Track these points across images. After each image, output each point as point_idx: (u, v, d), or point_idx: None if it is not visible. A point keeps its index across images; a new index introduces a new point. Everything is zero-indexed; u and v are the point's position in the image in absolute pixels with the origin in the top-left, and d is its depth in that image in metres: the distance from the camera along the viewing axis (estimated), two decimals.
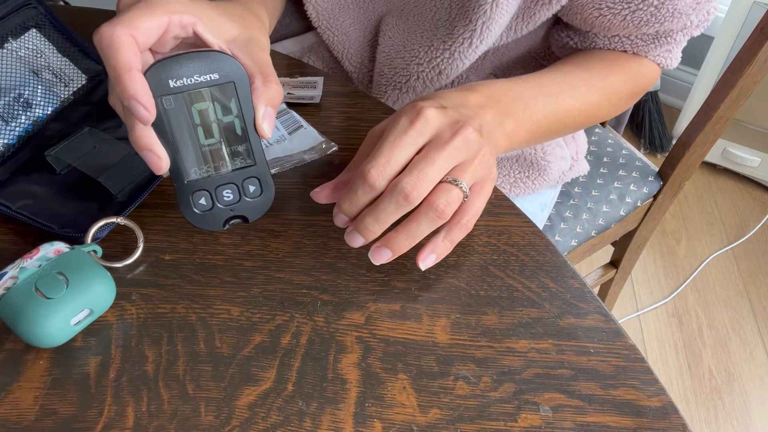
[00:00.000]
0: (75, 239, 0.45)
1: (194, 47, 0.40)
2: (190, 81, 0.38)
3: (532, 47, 0.69)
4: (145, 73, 0.37)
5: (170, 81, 0.38)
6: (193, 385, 0.39)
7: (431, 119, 0.42)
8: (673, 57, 0.61)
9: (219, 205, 0.41)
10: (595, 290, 1.04)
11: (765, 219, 1.62)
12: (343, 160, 0.53)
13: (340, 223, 0.44)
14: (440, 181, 0.41)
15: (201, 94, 0.39)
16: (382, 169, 0.40)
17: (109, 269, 0.43)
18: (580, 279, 0.45)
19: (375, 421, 0.38)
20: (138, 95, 0.36)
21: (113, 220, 0.45)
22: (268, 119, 0.40)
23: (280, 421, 0.38)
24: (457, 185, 0.41)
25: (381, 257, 0.42)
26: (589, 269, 1.35)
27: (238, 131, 0.40)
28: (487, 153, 0.43)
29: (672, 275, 1.51)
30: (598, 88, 0.58)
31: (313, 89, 0.59)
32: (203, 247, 0.46)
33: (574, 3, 0.57)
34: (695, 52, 1.72)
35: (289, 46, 0.75)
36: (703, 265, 1.53)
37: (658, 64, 0.62)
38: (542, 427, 0.38)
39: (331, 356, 0.40)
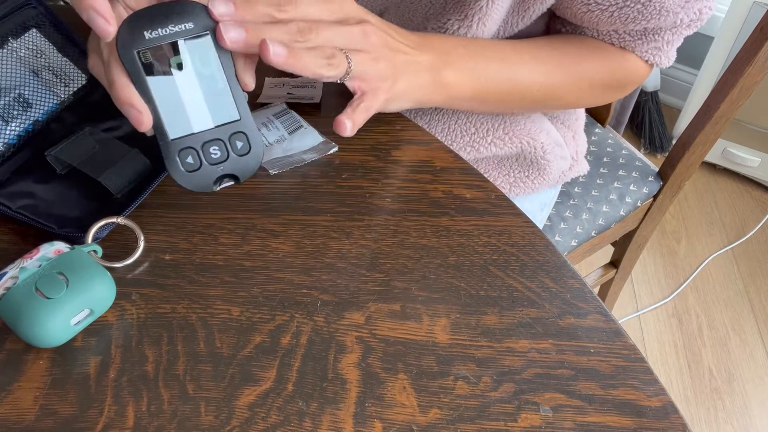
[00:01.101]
0: (75, 239, 0.45)
1: None
2: (165, 32, 0.38)
3: None
4: (119, 27, 0.37)
5: (145, 33, 0.38)
6: (193, 385, 0.39)
7: (345, 4, 0.45)
8: (663, 55, 0.61)
9: (207, 164, 0.41)
10: (595, 290, 1.04)
11: (765, 219, 1.62)
12: (343, 160, 0.53)
13: (234, 35, 0.41)
14: (338, 49, 0.43)
15: (177, 45, 0.38)
16: (292, 3, 0.42)
17: (109, 269, 0.43)
18: (580, 279, 0.45)
19: (375, 421, 0.38)
20: (96, 4, 0.36)
21: (113, 220, 0.45)
22: (249, 69, 0.41)
23: (280, 421, 0.38)
24: (347, 59, 0.44)
25: (271, 52, 0.40)
26: (589, 269, 1.35)
27: (220, 84, 0.40)
28: (382, 61, 0.46)
29: (672, 275, 1.51)
30: (566, 69, 0.58)
31: (313, 89, 0.59)
32: (203, 247, 0.46)
33: None
34: (695, 52, 1.72)
35: None
36: (703, 265, 1.53)
37: (646, 61, 0.61)
38: (542, 427, 0.38)
39: (331, 356, 0.40)
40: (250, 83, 0.42)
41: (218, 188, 0.41)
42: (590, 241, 0.89)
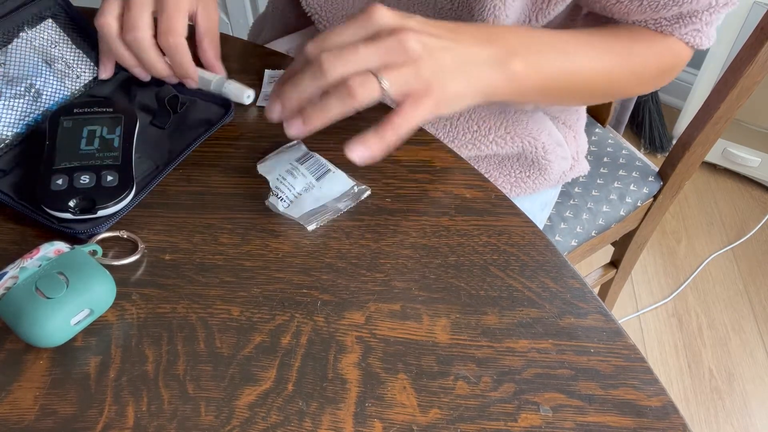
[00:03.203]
0: (74, 234, 0.45)
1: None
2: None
3: None
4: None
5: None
6: (193, 385, 0.39)
7: (376, 17, 0.43)
8: (703, 36, 0.59)
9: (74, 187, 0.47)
10: (595, 290, 1.04)
11: (765, 219, 1.62)
12: (343, 160, 0.52)
13: (274, 115, 0.45)
14: (366, 71, 0.41)
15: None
16: (318, 44, 0.43)
17: (109, 269, 0.43)
18: (581, 279, 0.45)
19: (375, 421, 0.38)
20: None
21: (117, 233, 0.46)
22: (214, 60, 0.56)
23: (280, 421, 0.38)
24: (377, 78, 0.41)
25: (291, 127, 0.43)
26: (589, 269, 1.35)
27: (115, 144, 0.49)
28: (424, 67, 0.43)
29: (672, 275, 1.51)
30: (621, 55, 0.57)
31: None
32: (203, 247, 0.46)
33: None
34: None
35: (287, 43, 0.75)
36: (703, 265, 1.53)
37: (687, 43, 0.60)
38: (542, 427, 0.38)
39: (331, 356, 0.40)
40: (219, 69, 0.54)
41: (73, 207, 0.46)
42: (590, 241, 0.89)
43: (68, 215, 0.45)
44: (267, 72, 0.59)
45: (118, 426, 0.37)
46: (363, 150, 0.42)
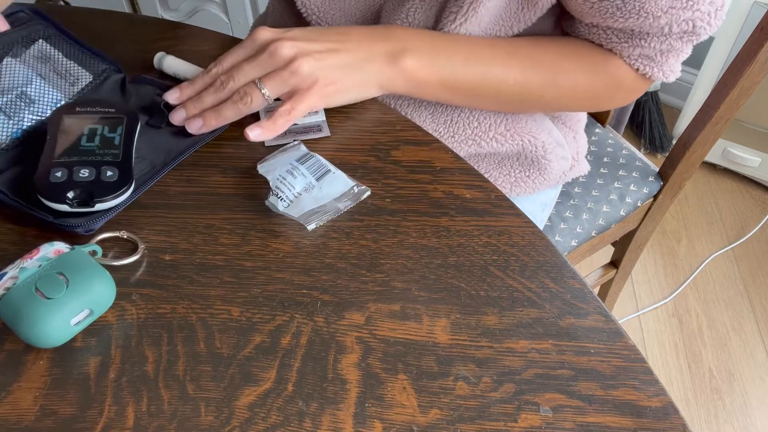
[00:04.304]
0: (71, 230, 0.45)
1: None
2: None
3: None
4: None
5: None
6: (194, 385, 0.39)
7: (257, 37, 0.53)
8: (656, 67, 0.59)
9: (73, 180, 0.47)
10: (595, 290, 1.04)
11: (765, 219, 1.62)
12: (343, 160, 0.52)
13: (177, 119, 0.54)
14: (251, 82, 0.52)
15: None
16: (217, 66, 0.54)
17: (109, 269, 0.43)
18: (581, 279, 0.45)
19: (375, 422, 0.38)
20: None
21: (117, 234, 0.46)
22: None
23: (280, 422, 0.38)
24: (258, 88, 0.51)
25: (193, 125, 0.53)
26: (589, 269, 1.35)
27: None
28: (302, 66, 0.51)
29: (672, 275, 1.51)
30: (544, 67, 0.59)
31: (315, 113, 0.56)
32: (203, 247, 0.46)
33: None
34: (695, 52, 1.71)
35: None
36: (703, 265, 1.53)
37: (637, 70, 0.59)
38: (542, 427, 0.37)
39: (331, 356, 0.40)
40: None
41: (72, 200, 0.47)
42: (590, 241, 0.89)
43: (66, 207, 0.45)
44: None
45: (118, 426, 0.37)
46: (258, 131, 0.51)
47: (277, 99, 0.54)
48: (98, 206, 0.46)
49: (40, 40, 0.55)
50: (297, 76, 0.51)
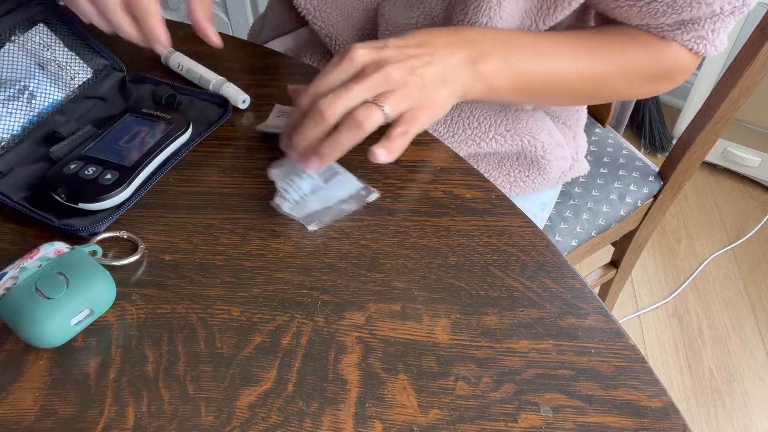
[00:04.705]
0: (74, 232, 0.45)
1: None
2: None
3: None
4: None
5: None
6: (194, 385, 0.39)
7: (356, 58, 0.48)
8: (708, 44, 0.58)
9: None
10: (596, 290, 1.04)
11: (765, 219, 1.62)
12: (343, 161, 0.52)
13: (292, 154, 0.50)
14: (365, 102, 0.47)
15: None
16: (310, 94, 0.48)
17: (109, 269, 0.43)
18: (581, 279, 0.45)
19: (375, 422, 0.38)
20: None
21: (117, 234, 0.46)
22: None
23: (281, 422, 0.37)
24: (378, 106, 0.46)
25: (310, 165, 0.48)
26: (589, 269, 1.35)
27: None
28: (412, 88, 0.48)
29: (672, 275, 1.51)
30: (609, 59, 0.58)
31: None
32: (203, 247, 0.46)
33: None
34: None
35: (286, 42, 0.75)
36: (703, 265, 1.53)
37: (690, 50, 0.59)
38: (543, 427, 0.37)
39: (331, 356, 0.40)
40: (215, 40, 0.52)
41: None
42: (590, 241, 0.89)
43: (58, 198, 0.47)
44: (277, 106, 0.57)
45: (118, 426, 0.37)
46: (383, 152, 0.47)
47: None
48: (81, 205, 0.46)
49: (40, 24, 0.55)
50: (410, 99, 0.48)
